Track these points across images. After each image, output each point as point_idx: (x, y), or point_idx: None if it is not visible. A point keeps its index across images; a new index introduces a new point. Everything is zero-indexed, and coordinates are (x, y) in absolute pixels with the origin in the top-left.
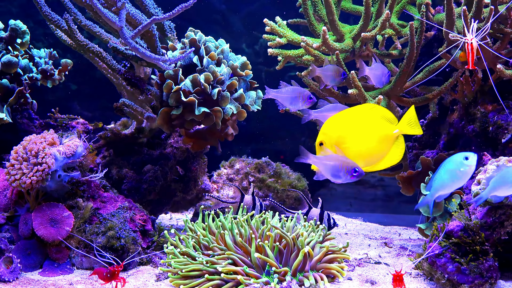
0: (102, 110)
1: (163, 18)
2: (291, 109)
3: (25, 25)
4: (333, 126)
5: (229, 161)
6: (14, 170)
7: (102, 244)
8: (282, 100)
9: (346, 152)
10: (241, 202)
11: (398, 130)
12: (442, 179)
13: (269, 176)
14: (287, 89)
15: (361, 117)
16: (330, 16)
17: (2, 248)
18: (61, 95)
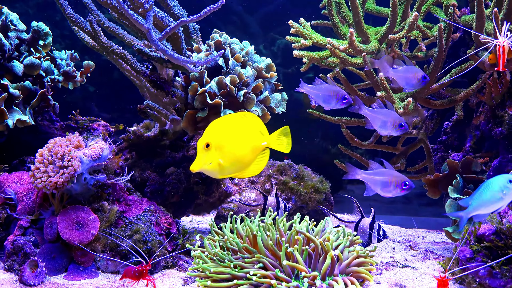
0: (120, 112)
1: (191, 20)
2: (324, 107)
3: (47, 27)
4: (217, 130)
5: None
6: (39, 173)
7: (129, 248)
8: (316, 97)
9: (227, 156)
10: (266, 204)
11: (267, 142)
12: (482, 199)
13: (292, 179)
14: (322, 87)
15: (240, 124)
16: (356, 17)
17: (27, 251)
18: (79, 97)
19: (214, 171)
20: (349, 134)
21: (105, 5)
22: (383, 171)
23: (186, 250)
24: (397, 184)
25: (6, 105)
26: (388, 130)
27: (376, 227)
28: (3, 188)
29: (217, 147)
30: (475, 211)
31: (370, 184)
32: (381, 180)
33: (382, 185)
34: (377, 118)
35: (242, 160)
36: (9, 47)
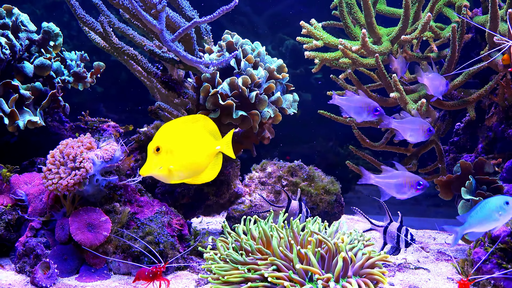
0: (129, 113)
1: (204, 21)
2: (356, 119)
3: (57, 28)
4: (168, 133)
5: (260, 164)
6: (51, 175)
7: (141, 249)
8: (347, 109)
9: (178, 161)
10: (288, 207)
11: (220, 147)
12: (478, 217)
13: (302, 180)
14: (354, 99)
15: (192, 128)
16: (368, 18)
17: (38, 253)
18: (87, 98)
19: (165, 176)
20: (360, 135)
21: (117, 5)
22: (396, 174)
23: (198, 252)
24: (411, 184)
25: (16, 106)
26: (419, 138)
27: (404, 231)
28: (14, 190)
29: (168, 151)
30: (470, 228)
31: (385, 188)
32: (395, 182)
33: (397, 187)
34: (407, 128)
35: (194, 165)
36: (20, 48)
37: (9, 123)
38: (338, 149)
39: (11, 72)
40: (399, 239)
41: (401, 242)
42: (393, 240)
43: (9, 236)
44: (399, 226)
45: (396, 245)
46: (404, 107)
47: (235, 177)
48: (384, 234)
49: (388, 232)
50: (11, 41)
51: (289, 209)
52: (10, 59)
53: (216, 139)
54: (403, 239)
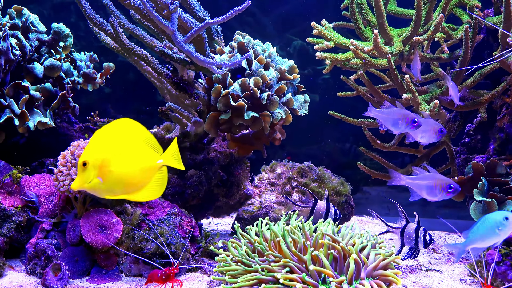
0: (136, 113)
1: (216, 22)
2: (393, 131)
3: (67, 28)
4: (99, 146)
5: (270, 165)
6: (62, 176)
7: (152, 251)
8: (384, 121)
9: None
10: (314, 207)
11: (163, 160)
12: (479, 233)
13: (312, 181)
14: (391, 110)
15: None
16: (380, 19)
17: (49, 254)
18: (94, 98)
19: (96, 192)
20: (371, 137)
21: (128, 6)
22: (427, 175)
23: (209, 253)
24: (442, 187)
25: (26, 107)
26: (431, 139)
27: (422, 232)
28: (25, 191)
29: (95, 166)
30: (471, 244)
31: (415, 189)
32: (426, 184)
33: (427, 189)
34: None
35: (129, 180)
36: (30, 49)
37: (19, 124)
38: (346, 150)
39: (21, 73)
40: (418, 240)
41: (420, 244)
42: (411, 241)
43: (20, 238)
44: (417, 227)
45: (415, 246)
46: (416, 108)
47: (245, 178)
48: (401, 236)
49: (405, 233)
50: (21, 42)
51: (315, 209)
52: (20, 60)
53: (157, 151)
54: (421, 240)
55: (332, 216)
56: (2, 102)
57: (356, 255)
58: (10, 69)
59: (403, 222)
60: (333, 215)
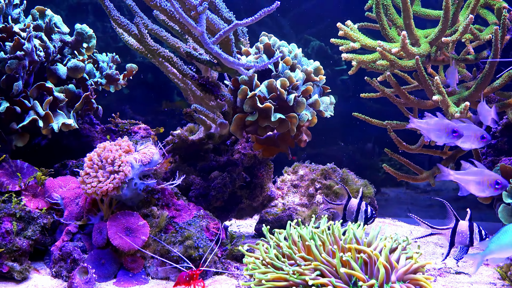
0: (154, 114)
1: (245, 23)
2: (436, 142)
3: (91, 29)
4: None
5: (292, 167)
6: (89, 178)
7: (179, 254)
8: (427, 132)
9: None
10: (347, 205)
11: None
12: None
13: (336, 183)
14: (433, 121)
15: None
16: (407, 20)
17: (75, 257)
18: (113, 99)
19: None
20: (397, 138)
21: (154, 7)
22: (475, 171)
23: (234, 256)
24: (490, 183)
25: (50, 109)
26: (472, 145)
27: (477, 228)
28: (49, 193)
29: None
30: (492, 254)
31: (464, 184)
32: (474, 179)
33: (476, 185)
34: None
35: None
36: (53, 50)
37: (43, 126)
38: (364, 151)
39: (44, 74)
40: (473, 237)
41: (475, 241)
42: (465, 239)
43: (44, 240)
44: (470, 224)
45: (469, 244)
46: (445, 110)
47: (268, 180)
48: (452, 236)
49: (458, 232)
50: (45, 43)
51: (348, 207)
52: (43, 61)
53: None
54: (477, 237)
55: (363, 215)
56: (26, 103)
57: (386, 258)
58: (33, 70)
59: (452, 221)
60: (364, 214)
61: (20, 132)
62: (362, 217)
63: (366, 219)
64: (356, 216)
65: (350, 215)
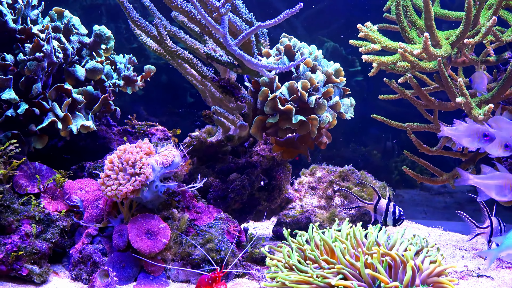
0: (168, 115)
1: (268, 24)
2: (469, 148)
3: (109, 31)
4: None
5: (309, 168)
6: (110, 181)
7: (201, 257)
8: (458, 138)
9: None
10: (376, 205)
11: None
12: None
13: (354, 185)
14: (463, 127)
15: None
16: (428, 21)
17: (96, 260)
18: (127, 100)
19: None
20: (417, 141)
21: (175, 8)
22: (496, 175)
23: (253, 258)
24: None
25: (69, 110)
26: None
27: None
28: (68, 195)
29: None
30: (505, 251)
31: (484, 188)
32: (495, 184)
33: (497, 189)
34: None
35: None
36: (72, 51)
37: (62, 128)
38: (378, 153)
39: (62, 75)
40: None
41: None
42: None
43: (63, 243)
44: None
45: None
46: (468, 112)
47: (287, 181)
48: (490, 237)
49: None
50: (64, 45)
51: (377, 208)
52: (61, 63)
53: None
54: None
55: (390, 216)
56: (45, 105)
57: (412, 261)
58: (52, 71)
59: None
60: (392, 215)
61: (38, 134)
62: (391, 218)
63: (395, 220)
64: (385, 217)
65: (379, 216)
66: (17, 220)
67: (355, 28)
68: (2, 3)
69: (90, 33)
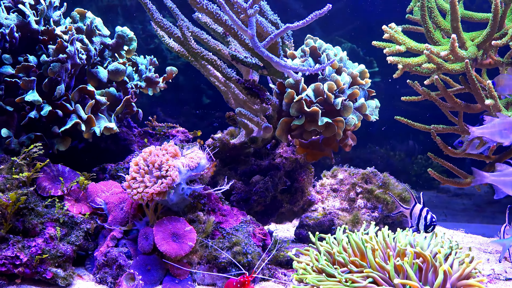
0: (186, 117)
1: (297, 26)
2: (503, 143)
3: (132, 32)
4: None
5: (331, 170)
6: (136, 183)
7: (227, 260)
8: (491, 135)
9: None
10: (412, 210)
11: None
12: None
13: (377, 187)
14: (495, 123)
15: None
16: (454, 22)
17: (121, 263)
18: (144, 102)
19: None
20: (442, 143)
21: (200, 10)
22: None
23: (278, 261)
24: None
25: (92, 112)
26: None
27: None
28: (92, 198)
29: None
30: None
31: (501, 186)
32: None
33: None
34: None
35: None
36: (94, 53)
37: (85, 130)
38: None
39: (84, 77)
40: None
41: None
42: None
43: (87, 246)
44: None
45: None
46: (497, 114)
47: (309, 184)
48: None
49: None
50: (86, 46)
51: (412, 212)
52: (84, 64)
53: None
54: None
55: (423, 221)
56: (68, 107)
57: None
58: (75, 73)
59: None
60: (424, 220)
61: (61, 136)
62: (423, 224)
63: (426, 226)
64: (418, 222)
65: (413, 221)
66: (41, 223)
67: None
68: (25, 4)
69: (113, 34)
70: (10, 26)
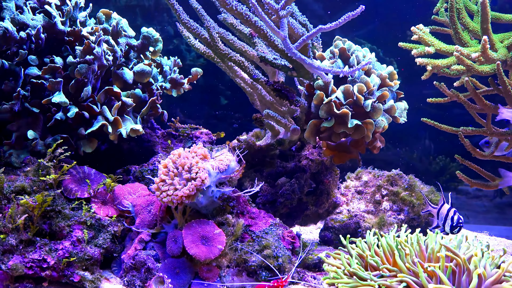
0: (205, 118)
1: (329, 27)
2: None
3: (157, 33)
4: None
5: (355, 172)
6: (165, 186)
7: (257, 264)
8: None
9: None
10: (439, 210)
11: None
12: None
13: (403, 189)
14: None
15: None
16: (484, 24)
17: (150, 267)
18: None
19: None
20: (470, 145)
21: (230, 11)
22: None
23: (306, 265)
24: None
25: (118, 114)
26: None
27: None
28: (119, 200)
29: None
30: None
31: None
32: None
33: None
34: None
35: None
36: (120, 54)
37: (112, 131)
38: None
39: (109, 78)
40: None
41: None
42: None
43: (114, 248)
44: None
45: None
46: None
47: (334, 186)
48: None
49: None
50: (113, 47)
51: (440, 212)
52: (110, 65)
53: None
54: None
55: (449, 221)
56: (94, 108)
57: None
58: (101, 74)
59: None
60: (451, 221)
61: (87, 137)
62: (449, 225)
63: (452, 227)
64: (444, 223)
65: (439, 221)
66: (68, 226)
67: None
68: (51, 4)
69: (138, 35)
70: (37, 27)
